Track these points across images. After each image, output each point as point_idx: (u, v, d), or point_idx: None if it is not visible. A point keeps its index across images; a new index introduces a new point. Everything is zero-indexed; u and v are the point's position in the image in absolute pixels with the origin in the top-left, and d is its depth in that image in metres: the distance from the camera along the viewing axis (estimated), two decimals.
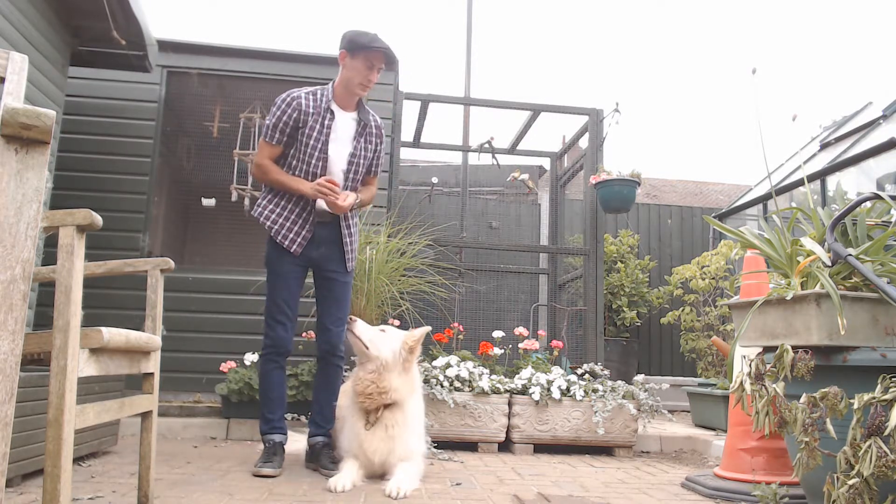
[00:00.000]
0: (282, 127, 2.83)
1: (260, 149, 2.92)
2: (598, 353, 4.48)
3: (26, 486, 2.26)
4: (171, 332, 4.11)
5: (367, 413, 2.63)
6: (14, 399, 1.07)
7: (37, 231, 1.11)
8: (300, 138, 2.84)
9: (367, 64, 2.83)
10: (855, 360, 1.88)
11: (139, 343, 1.79)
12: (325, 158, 2.86)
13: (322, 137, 2.85)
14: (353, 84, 2.86)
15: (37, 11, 3.49)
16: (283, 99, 2.86)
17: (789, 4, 48.85)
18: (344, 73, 2.87)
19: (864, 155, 5.41)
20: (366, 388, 2.60)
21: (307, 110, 2.84)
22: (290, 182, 2.84)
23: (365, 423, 2.62)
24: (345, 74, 2.87)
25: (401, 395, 2.63)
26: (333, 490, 2.39)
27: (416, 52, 38.98)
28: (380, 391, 2.59)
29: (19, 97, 1.35)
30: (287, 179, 2.85)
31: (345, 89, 2.89)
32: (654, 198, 10.81)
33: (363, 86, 2.87)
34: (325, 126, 2.85)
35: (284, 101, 2.85)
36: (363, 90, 2.90)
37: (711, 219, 2.56)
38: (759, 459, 2.61)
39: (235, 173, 5.19)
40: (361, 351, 2.66)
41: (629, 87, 39.91)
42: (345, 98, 2.91)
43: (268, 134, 2.87)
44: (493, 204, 7.19)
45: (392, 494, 2.35)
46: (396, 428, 2.61)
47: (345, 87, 2.88)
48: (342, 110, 2.92)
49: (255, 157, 2.94)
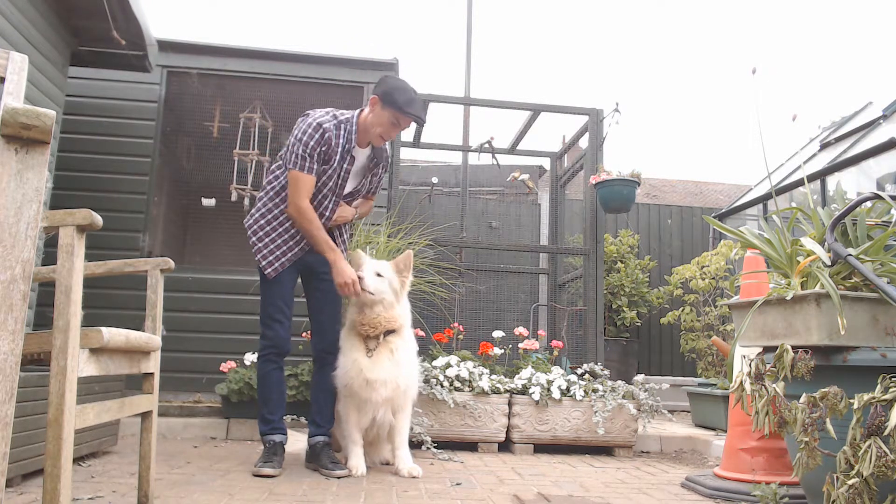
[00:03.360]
0: (315, 157, 2.71)
1: (295, 184, 2.71)
2: (598, 353, 4.48)
3: (26, 486, 2.26)
4: (171, 332, 4.11)
5: (368, 340, 2.73)
6: (14, 399, 1.07)
7: (37, 231, 1.11)
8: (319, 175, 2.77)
9: (393, 120, 2.76)
10: (855, 360, 1.89)
11: (139, 343, 1.79)
12: (336, 202, 2.85)
13: (340, 181, 2.81)
14: (373, 132, 2.79)
15: (37, 11, 3.49)
16: (312, 126, 2.71)
17: (789, 4, 48.88)
18: (369, 115, 2.78)
19: (864, 155, 5.41)
20: (372, 318, 2.74)
21: (335, 148, 2.75)
22: (325, 245, 2.74)
23: (366, 350, 2.72)
24: (369, 118, 2.78)
25: (402, 322, 2.82)
26: (355, 474, 2.68)
27: (416, 52, 38.98)
28: (387, 319, 2.76)
29: (19, 97, 1.35)
30: (323, 241, 2.74)
31: (365, 131, 2.82)
32: (654, 198, 10.81)
33: (382, 138, 2.82)
34: (344, 170, 2.81)
35: (316, 130, 2.71)
36: (380, 142, 2.85)
37: (711, 219, 2.56)
38: (759, 459, 2.61)
39: (235, 173, 5.19)
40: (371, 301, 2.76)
41: (629, 87, 39.91)
42: (363, 137, 2.85)
43: (301, 164, 2.70)
44: (493, 204, 7.18)
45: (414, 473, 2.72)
46: (400, 352, 2.76)
47: (365, 128, 2.81)
48: (359, 148, 2.86)
49: (293, 195, 2.73)
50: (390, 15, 41.60)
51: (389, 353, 2.74)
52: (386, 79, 2.82)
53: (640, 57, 45.61)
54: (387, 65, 4.90)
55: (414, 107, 2.76)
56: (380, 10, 40.93)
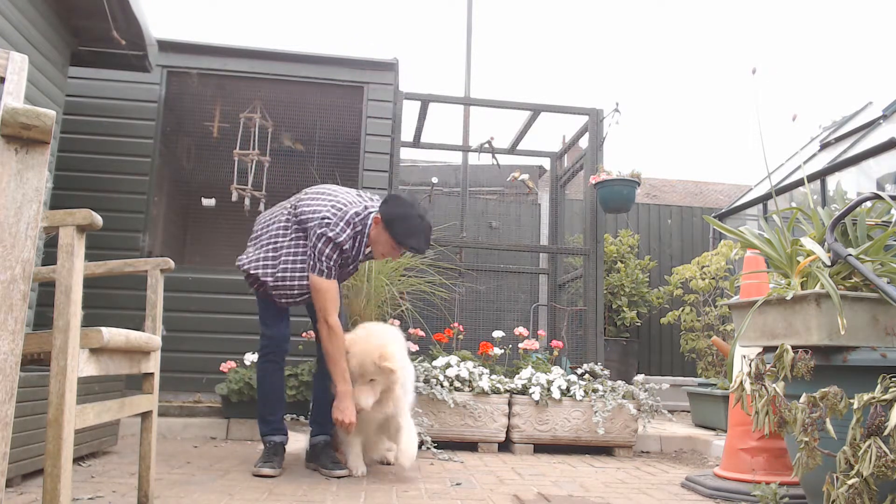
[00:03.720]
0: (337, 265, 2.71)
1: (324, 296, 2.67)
2: (598, 353, 4.48)
3: (26, 486, 2.26)
4: (171, 332, 4.11)
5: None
6: (14, 399, 1.07)
7: (37, 231, 1.11)
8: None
9: (393, 244, 2.75)
10: (855, 360, 1.89)
11: (139, 343, 1.80)
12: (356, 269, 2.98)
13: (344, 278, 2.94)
14: (376, 249, 2.81)
15: (37, 11, 3.49)
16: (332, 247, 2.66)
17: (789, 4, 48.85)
18: (373, 232, 2.76)
19: (864, 155, 5.41)
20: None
21: (351, 253, 2.77)
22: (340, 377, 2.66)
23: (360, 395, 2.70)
24: (373, 233, 2.76)
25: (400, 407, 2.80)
26: (356, 474, 2.69)
27: (416, 52, 38.97)
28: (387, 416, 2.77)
29: (19, 97, 1.35)
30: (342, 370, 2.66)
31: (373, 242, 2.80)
32: (654, 198, 10.81)
33: (383, 255, 2.84)
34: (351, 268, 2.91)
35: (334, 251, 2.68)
36: (381, 258, 2.89)
37: (711, 219, 2.56)
38: (759, 459, 2.61)
39: (235, 173, 5.19)
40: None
41: (629, 87, 39.90)
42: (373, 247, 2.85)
43: (327, 271, 2.68)
44: (493, 204, 7.19)
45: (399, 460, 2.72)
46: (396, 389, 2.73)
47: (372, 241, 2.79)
48: None
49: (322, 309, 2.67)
50: (390, 15, 41.57)
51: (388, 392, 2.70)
52: (391, 200, 2.78)
53: (640, 57, 45.58)
54: (387, 64, 4.90)
55: (413, 239, 2.71)
56: (380, 10, 40.89)
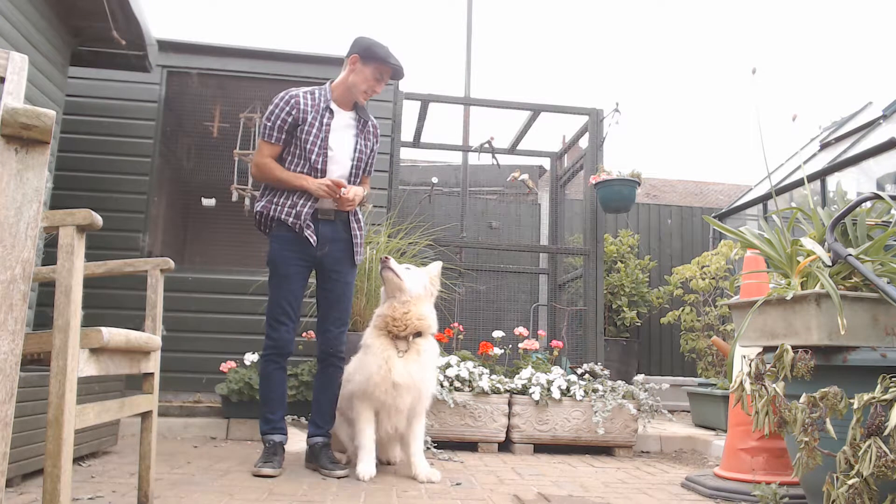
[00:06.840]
0: (279, 125, 2.85)
1: (259, 149, 2.93)
2: (598, 353, 4.48)
3: (26, 486, 2.26)
4: (171, 332, 4.10)
5: (398, 341, 2.73)
6: (14, 399, 1.07)
7: (37, 231, 1.11)
8: (299, 135, 2.86)
9: (376, 75, 2.88)
10: (855, 360, 1.88)
11: (139, 343, 1.79)
12: (325, 154, 2.88)
13: (322, 134, 2.88)
14: (357, 90, 2.90)
15: (37, 11, 3.49)
16: (281, 97, 2.89)
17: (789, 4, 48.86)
18: (350, 76, 2.90)
19: (864, 155, 5.41)
20: (403, 314, 2.73)
21: (305, 108, 2.87)
22: (293, 179, 2.84)
23: (397, 350, 2.71)
24: (351, 78, 2.90)
25: (430, 324, 2.79)
26: (363, 479, 2.60)
27: (416, 52, 38.96)
28: (418, 317, 2.74)
29: (19, 97, 1.35)
30: (290, 176, 2.85)
31: (347, 91, 2.92)
32: (654, 198, 10.81)
33: (367, 94, 2.92)
34: (324, 123, 2.89)
35: (282, 100, 2.87)
36: (366, 97, 2.94)
37: (711, 219, 2.56)
38: (759, 459, 2.61)
39: (236, 173, 5.19)
40: (397, 286, 2.74)
41: (629, 87, 39.91)
42: (344, 99, 2.95)
43: (266, 133, 2.88)
44: (493, 204, 7.19)
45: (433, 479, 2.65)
46: (426, 354, 2.75)
47: (347, 89, 2.92)
48: (341, 109, 2.95)
49: (255, 157, 2.94)
50: (390, 15, 41.58)
51: (416, 354, 2.72)
52: (360, 39, 2.91)
53: (640, 57, 45.60)
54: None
55: (394, 58, 2.88)
56: (379, 10, 40.91)
